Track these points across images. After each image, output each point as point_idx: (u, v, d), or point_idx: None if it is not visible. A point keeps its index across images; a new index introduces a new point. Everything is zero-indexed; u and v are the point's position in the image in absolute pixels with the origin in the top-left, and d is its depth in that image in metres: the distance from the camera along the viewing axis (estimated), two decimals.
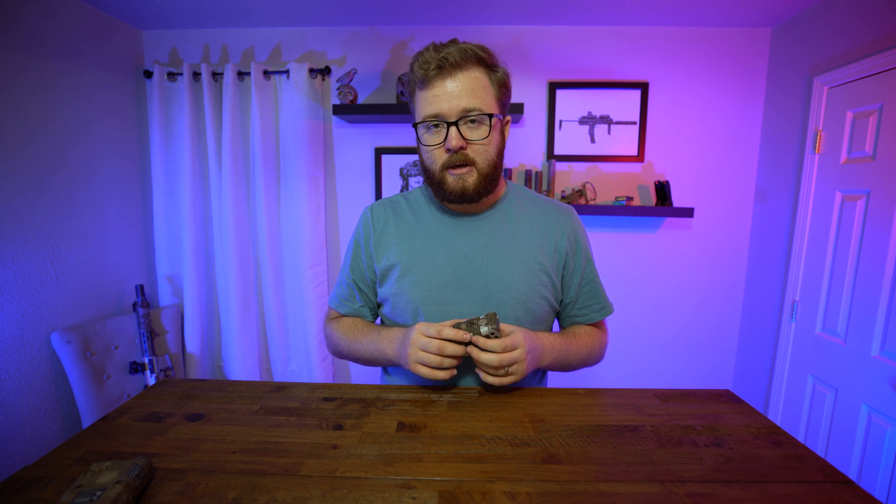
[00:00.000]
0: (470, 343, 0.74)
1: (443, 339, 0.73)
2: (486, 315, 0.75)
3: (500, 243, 0.87)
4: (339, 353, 0.95)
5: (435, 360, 0.73)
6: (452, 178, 0.81)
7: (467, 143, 0.79)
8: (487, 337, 0.73)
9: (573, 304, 0.95)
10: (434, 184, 0.83)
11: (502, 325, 0.77)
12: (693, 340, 2.19)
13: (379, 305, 0.96)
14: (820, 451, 1.68)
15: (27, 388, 1.59)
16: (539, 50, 2.04)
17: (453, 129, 0.77)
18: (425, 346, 0.74)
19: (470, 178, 0.80)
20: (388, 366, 0.91)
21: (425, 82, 0.78)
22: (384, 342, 0.85)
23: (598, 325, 0.98)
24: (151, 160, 2.05)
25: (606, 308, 0.97)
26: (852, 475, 1.54)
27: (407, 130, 2.11)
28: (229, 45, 2.09)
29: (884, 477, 1.43)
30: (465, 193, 0.81)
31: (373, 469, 0.57)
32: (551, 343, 0.84)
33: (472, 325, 0.74)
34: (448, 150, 0.78)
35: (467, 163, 0.79)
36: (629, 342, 2.20)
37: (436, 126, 0.79)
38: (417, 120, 0.81)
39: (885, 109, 1.44)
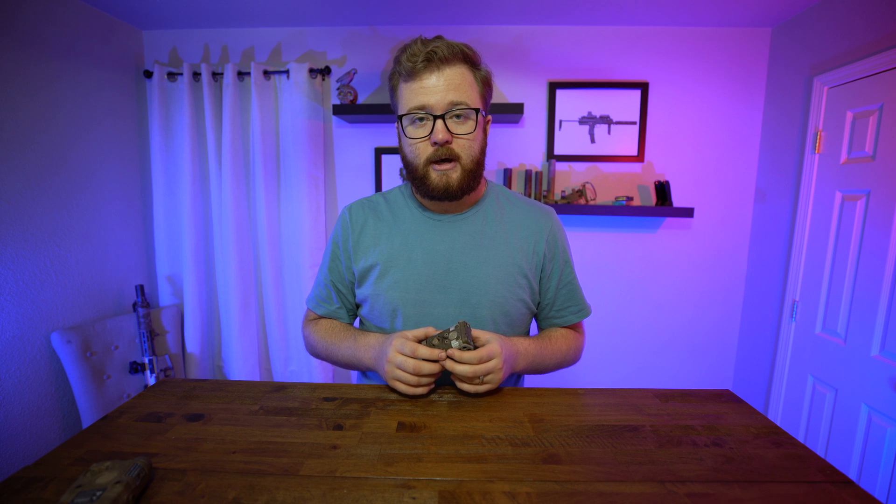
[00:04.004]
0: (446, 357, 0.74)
1: (418, 359, 0.73)
2: (456, 326, 0.74)
3: (479, 245, 0.87)
4: (317, 355, 0.94)
5: (413, 379, 0.74)
6: (436, 174, 0.80)
7: (453, 137, 0.78)
8: (461, 349, 0.73)
9: (551, 306, 0.94)
10: (417, 179, 0.82)
11: (477, 333, 0.77)
12: (693, 340, 2.19)
13: (357, 306, 0.96)
14: (820, 451, 1.68)
15: (27, 388, 1.59)
16: (539, 50, 2.04)
17: (439, 123, 0.76)
18: (402, 364, 0.74)
19: (454, 173, 0.80)
20: (365, 371, 0.91)
21: (412, 74, 0.77)
22: (360, 349, 0.84)
23: (575, 326, 0.98)
24: (151, 160, 2.05)
25: (584, 310, 0.96)
26: (852, 475, 1.54)
27: None
28: (229, 45, 2.09)
29: (884, 477, 1.43)
30: (449, 190, 0.80)
31: (373, 469, 0.57)
32: (525, 348, 0.84)
33: (443, 340, 0.74)
34: (434, 144, 0.78)
35: (452, 158, 0.79)
36: (629, 342, 2.20)
37: (421, 119, 0.78)
38: (402, 112, 0.80)
39: (885, 109, 1.44)
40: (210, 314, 2.19)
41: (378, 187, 2.13)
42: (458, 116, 0.78)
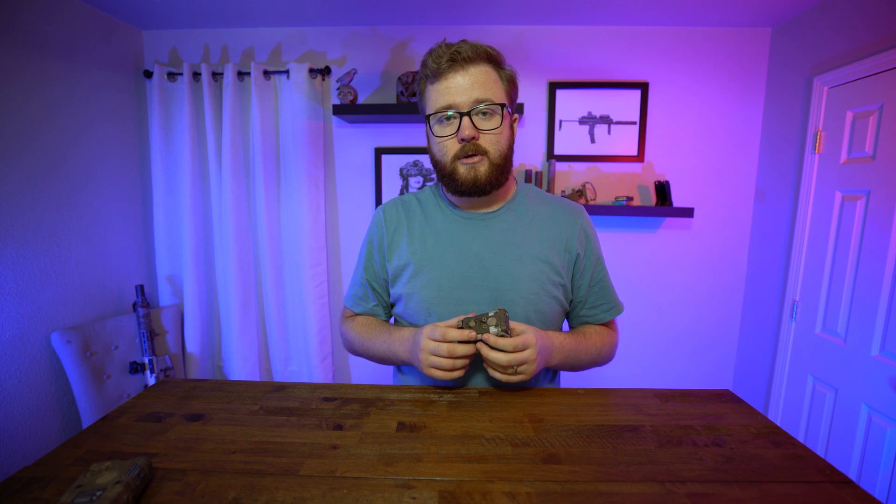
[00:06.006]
0: (479, 340, 0.74)
1: (451, 343, 0.74)
2: (496, 313, 0.74)
3: (511, 242, 0.88)
4: (354, 351, 0.97)
5: (447, 363, 0.74)
6: (464, 168, 0.81)
7: (479, 132, 0.80)
8: (497, 336, 0.73)
9: (583, 304, 0.95)
10: (445, 175, 0.84)
11: (513, 324, 0.77)
12: (693, 340, 2.19)
13: (392, 304, 0.97)
14: (820, 451, 1.68)
15: (27, 388, 1.59)
16: (539, 50, 2.04)
17: (466, 120, 0.78)
18: (435, 350, 0.74)
19: (482, 167, 0.81)
20: (401, 365, 0.93)
21: (438, 75, 0.79)
22: (395, 343, 0.86)
23: (609, 324, 0.99)
24: (151, 160, 2.05)
25: (616, 307, 0.97)
26: (852, 475, 1.54)
27: (407, 130, 2.10)
28: (229, 45, 2.09)
29: (884, 477, 1.43)
30: (478, 183, 0.81)
31: (373, 469, 0.57)
32: (561, 342, 0.84)
33: (481, 324, 0.74)
34: (462, 140, 0.79)
35: (479, 153, 0.80)
36: (629, 342, 2.20)
37: (448, 118, 0.80)
38: (430, 111, 0.82)
39: (885, 109, 1.44)
40: (210, 314, 2.19)
41: (378, 187, 2.13)
42: (484, 113, 0.79)
